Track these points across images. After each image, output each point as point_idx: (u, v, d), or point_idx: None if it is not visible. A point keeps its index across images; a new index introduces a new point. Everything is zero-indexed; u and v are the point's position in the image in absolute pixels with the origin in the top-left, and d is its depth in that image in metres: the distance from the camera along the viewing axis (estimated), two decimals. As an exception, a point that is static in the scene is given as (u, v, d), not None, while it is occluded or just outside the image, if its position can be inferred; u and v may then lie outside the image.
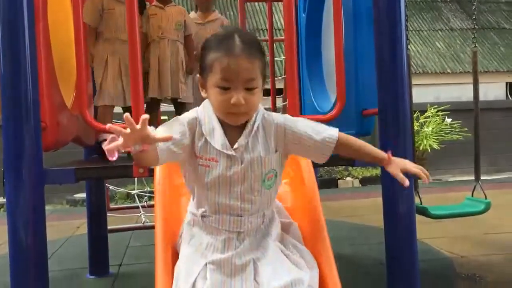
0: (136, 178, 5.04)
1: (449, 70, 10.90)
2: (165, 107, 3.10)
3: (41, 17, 1.95)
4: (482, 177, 2.87)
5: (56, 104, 2.10)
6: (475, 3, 2.77)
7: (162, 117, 3.19)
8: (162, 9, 2.81)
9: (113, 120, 2.50)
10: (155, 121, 2.74)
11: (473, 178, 2.82)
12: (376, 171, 8.35)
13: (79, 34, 1.93)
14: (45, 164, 1.77)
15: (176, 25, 2.78)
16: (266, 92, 4.01)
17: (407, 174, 1.40)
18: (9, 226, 1.72)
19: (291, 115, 1.93)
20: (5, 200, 5.90)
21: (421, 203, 2.54)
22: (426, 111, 8.38)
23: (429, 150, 7.96)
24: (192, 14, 3.13)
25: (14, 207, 1.70)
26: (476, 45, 2.80)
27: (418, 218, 2.43)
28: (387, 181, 1.98)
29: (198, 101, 1.38)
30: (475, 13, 2.84)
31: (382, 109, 2.00)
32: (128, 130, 1.03)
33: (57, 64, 2.26)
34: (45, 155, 1.79)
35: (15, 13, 1.74)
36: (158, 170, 1.51)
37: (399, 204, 1.96)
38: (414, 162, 2.19)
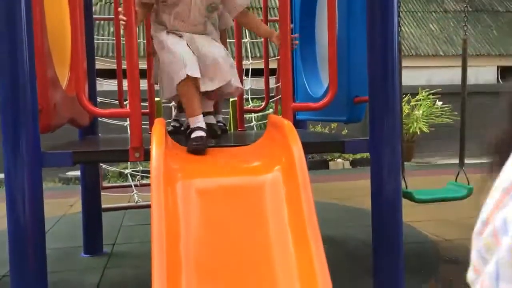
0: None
1: (441, 53, 10.93)
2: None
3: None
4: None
5: (52, 86, 2.12)
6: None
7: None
8: None
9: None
10: None
11: (461, 161, 2.90)
12: (367, 154, 8.40)
13: (75, 13, 1.93)
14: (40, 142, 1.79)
15: (208, 8, 2.50)
16: (260, 72, 4.07)
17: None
18: (8, 207, 1.76)
19: (283, 97, 1.99)
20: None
21: (406, 188, 2.62)
22: (417, 94, 8.46)
23: (418, 133, 8.06)
24: None
25: (13, 190, 1.74)
26: (467, 33, 2.84)
27: (406, 200, 2.52)
28: (375, 165, 2.05)
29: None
30: (467, 0, 2.87)
31: (372, 97, 2.06)
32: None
33: (51, 44, 2.27)
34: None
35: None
36: (154, 155, 1.55)
37: (386, 187, 2.03)
38: (402, 147, 2.29)
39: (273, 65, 4.05)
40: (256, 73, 5.48)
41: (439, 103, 8.40)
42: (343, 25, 2.42)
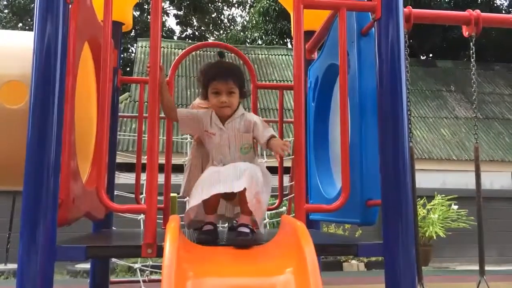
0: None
1: (454, 157, 11.04)
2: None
3: (69, 99, 2.10)
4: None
5: (73, 179, 2.19)
6: (475, 103, 2.92)
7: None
8: (221, 129, 2.21)
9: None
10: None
11: (481, 267, 2.80)
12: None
13: (103, 114, 2.04)
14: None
15: (242, 150, 2.20)
16: (275, 170, 4.20)
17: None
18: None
19: (296, 198, 2.01)
20: (5, 267, 5.86)
21: (425, 295, 2.53)
22: (432, 196, 8.41)
23: (434, 237, 7.88)
24: (198, 100, 3.00)
25: (24, 282, 1.74)
26: (478, 140, 2.91)
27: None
28: (389, 270, 2.01)
29: None
30: (476, 110, 2.98)
31: (384, 200, 2.08)
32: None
33: (76, 139, 2.37)
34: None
35: (47, 94, 1.88)
36: (167, 254, 1.56)
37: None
38: (417, 250, 2.25)
39: (287, 163, 4.14)
40: (271, 171, 5.55)
41: (455, 207, 8.30)
42: (356, 129, 2.52)
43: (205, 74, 2.26)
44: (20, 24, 21.30)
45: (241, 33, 21.41)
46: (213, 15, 25.54)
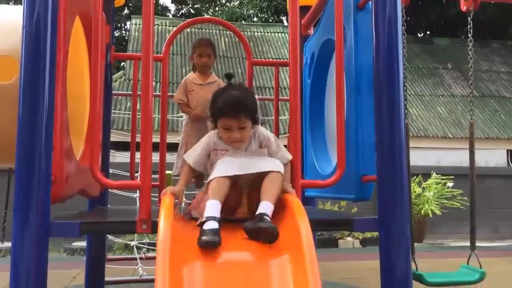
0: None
1: (450, 135, 11.05)
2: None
3: (60, 75, 2.07)
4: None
5: (66, 156, 2.17)
6: (471, 78, 2.89)
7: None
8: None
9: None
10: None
11: (474, 244, 2.83)
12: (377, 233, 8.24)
13: (95, 89, 2.01)
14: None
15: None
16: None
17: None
18: (11, 274, 1.75)
19: (292, 174, 2.01)
20: (2, 245, 5.86)
21: (416, 269, 2.55)
22: (428, 174, 8.44)
23: (430, 215, 7.95)
24: (191, 75, 3.25)
25: (18, 258, 1.74)
26: (474, 117, 2.90)
27: (418, 284, 2.44)
28: (384, 244, 2.03)
29: None
30: (472, 87, 2.96)
31: (380, 176, 2.08)
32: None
33: (69, 115, 2.34)
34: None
35: (38, 70, 1.84)
36: (161, 228, 1.55)
37: (396, 268, 1.99)
38: (411, 227, 2.26)
39: (283, 142, 4.11)
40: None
41: (450, 184, 8.35)
42: (352, 104, 2.50)
43: (213, 105, 2.01)
44: (12, 3, 20.93)
45: (237, 9, 21.15)
46: (208, -8, 25.18)
